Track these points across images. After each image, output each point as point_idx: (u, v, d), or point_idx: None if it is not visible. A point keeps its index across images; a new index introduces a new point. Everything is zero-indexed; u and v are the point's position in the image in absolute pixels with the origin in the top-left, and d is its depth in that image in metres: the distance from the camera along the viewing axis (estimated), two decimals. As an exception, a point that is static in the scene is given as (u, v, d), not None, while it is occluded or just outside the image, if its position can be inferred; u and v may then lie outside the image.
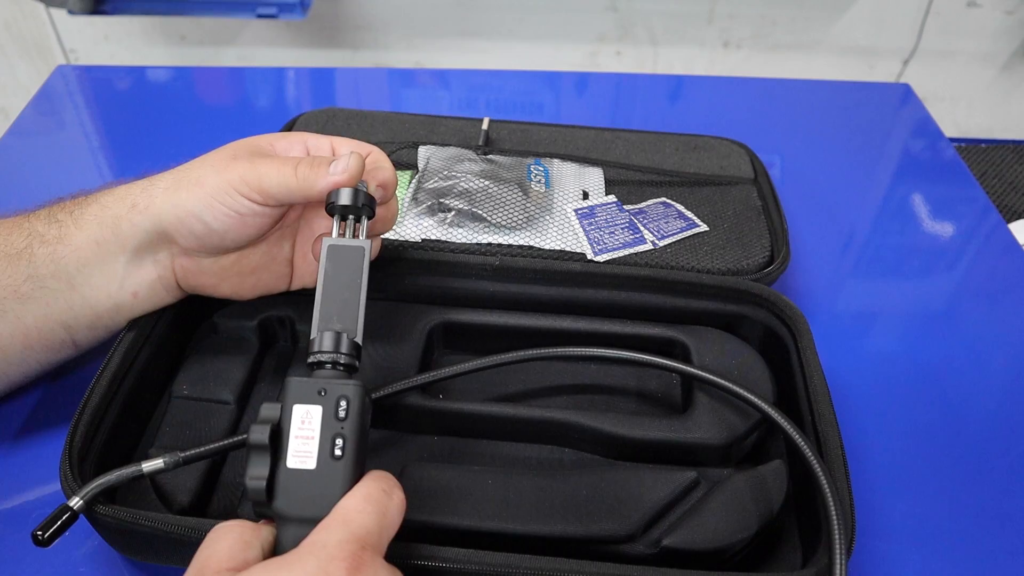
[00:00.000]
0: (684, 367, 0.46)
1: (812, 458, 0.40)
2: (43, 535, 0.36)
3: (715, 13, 1.45)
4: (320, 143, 0.45)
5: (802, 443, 0.41)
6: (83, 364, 0.52)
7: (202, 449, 0.40)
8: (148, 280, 0.45)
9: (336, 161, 0.42)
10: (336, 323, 0.39)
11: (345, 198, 0.41)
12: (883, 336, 0.59)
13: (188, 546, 0.38)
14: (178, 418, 0.46)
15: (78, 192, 0.47)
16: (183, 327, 0.51)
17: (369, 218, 0.43)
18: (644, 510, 0.41)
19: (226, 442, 0.41)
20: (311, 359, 0.38)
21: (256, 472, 0.34)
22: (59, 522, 0.36)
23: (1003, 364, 0.57)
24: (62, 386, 0.51)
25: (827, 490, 0.38)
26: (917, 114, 0.83)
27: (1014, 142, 1.46)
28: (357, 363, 0.38)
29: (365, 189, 0.42)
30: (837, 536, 0.36)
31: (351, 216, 0.42)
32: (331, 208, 0.42)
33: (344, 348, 0.38)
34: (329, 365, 0.38)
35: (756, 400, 0.43)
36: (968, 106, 1.58)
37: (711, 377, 0.45)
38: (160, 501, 0.42)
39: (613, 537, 0.40)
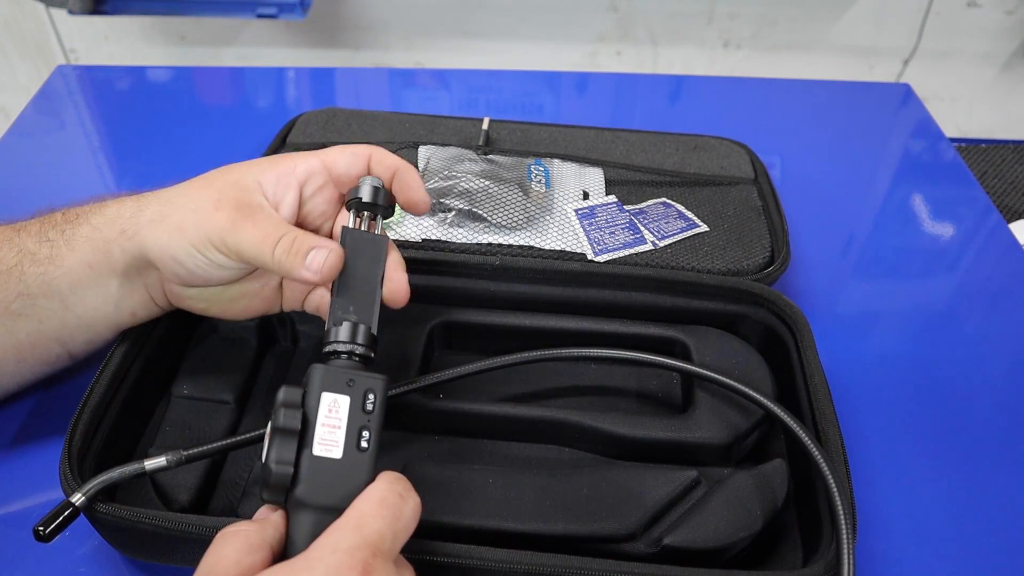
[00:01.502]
0: (685, 365, 0.46)
1: (814, 449, 0.40)
2: (44, 531, 0.36)
3: (715, 13, 1.45)
4: (311, 166, 0.43)
5: (804, 436, 0.41)
6: (83, 364, 0.52)
7: (205, 448, 0.40)
8: (142, 301, 0.45)
9: (315, 253, 0.40)
10: (352, 314, 0.39)
11: (366, 195, 0.42)
12: (884, 336, 0.59)
13: (188, 544, 0.39)
14: (178, 418, 0.46)
15: (68, 205, 0.46)
16: (183, 326, 0.51)
17: (385, 217, 0.43)
18: (645, 509, 0.41)
19: (229, 441, 0.41)
20: (328, 348, 0.38)
21: (283, 456, 0.33)
22: (60, 518, 0.36)
23: (1003, 364, 0.57)
24: (62, 387, 0.51)
25: (830, 479, 0.38)
26: (917, 114, 0.83)
27: (1014, 142, 1.46)
28: (373, 355, 0.38)
29: (382, 185, 0.42)
30: (843, 521, 0.36)
31: (366, 212, 0.42)
32: (350, 204, 0.42)
33: (362, 339, 0.38)
34: (346, 356, 0.37)
35: (757, 396, 0.43)
36: (968, 106, 1.58)
37: (713, 375, 0.45)
38: (160, 500, 0.42)
39: (614, 536, 0.40)
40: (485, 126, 0.66)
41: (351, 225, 0.42)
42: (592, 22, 1.48)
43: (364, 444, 0.34)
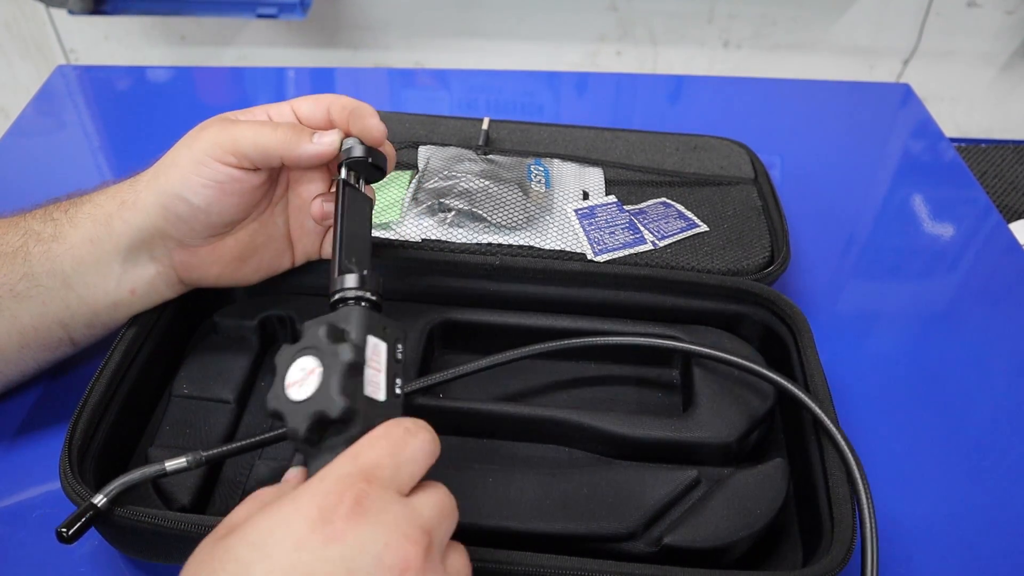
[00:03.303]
0: (687, 346, 0.46)
1: (822, 417, 0.41)
2: (67, 532, 0.36)
3: (715, 13, 1.45)
4: (281, 110, 0.45)
5: (812, 405, 0.42)
6: (83, 362, 0.52)
7: (224, 449, 0.40)
8: (147, 277, 0.45)
9: (323, 133, 0.43)
10: (355, 264, 0.39)
11: (359, 152, 0.43)
12: (883, 336, 0.59)
13: (188, 544, 0.38)
14: (178, 417, 0.46)
15: (74, 192, 0.47)
16: (183, 326, 0.51)
17: (370, 180, 0.44)
18: (645, 508, 0.41)
19: (246, 442, 0.41)
20: (340, 295, 0.37)
21: (349, 390, 0.32)
22: (83, 519, 0.36)
23: (1003, 364, 0.57)
24: (62, 384, 0.51)
25: (848, 453, 0.39)
26: (917, 114, 0.83)
27: (1014, 142, 1.46)
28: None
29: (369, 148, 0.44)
30: (864, 494, 0.38)
31: (353, 172, 0.43)
32: (344, 162, 0.43)
33: (372, 286, 0.37)
34: (353, 301, 0.37)
35: (767, 372, 0.44)
36: (968, 106, 1.57)
37: (714, 352, 0.45)
38: (160, 500, 0.42)
39: (614, 535, 0.40)
40: (485, 126, 0.66)
41: (343, 173, 0.43)
42: (592, 22, 1.48)
43: (398, 391, 0.34)
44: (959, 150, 1.38)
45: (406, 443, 0.31)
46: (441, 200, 0.57)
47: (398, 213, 0.56)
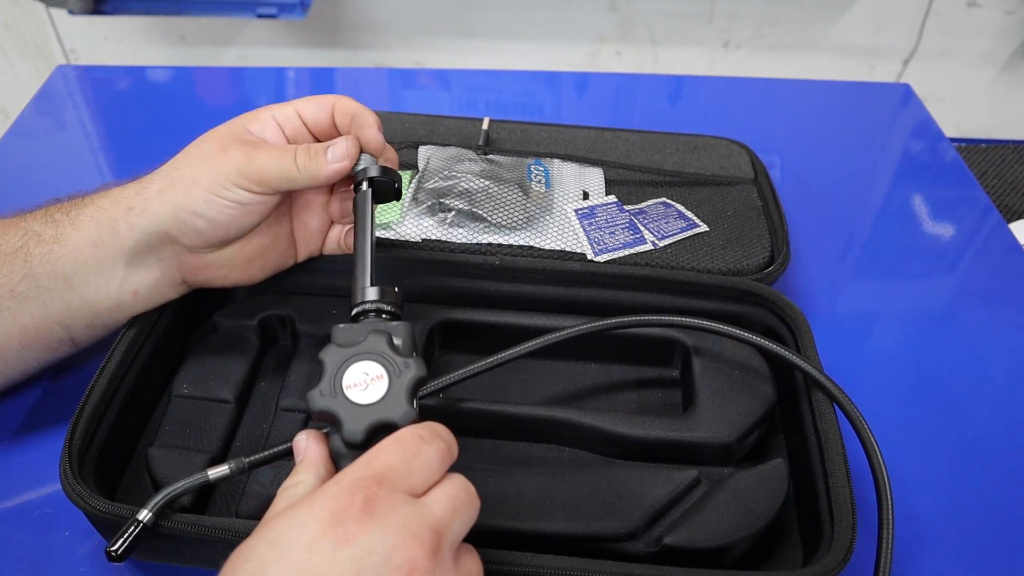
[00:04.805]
0: (680, 319, 0.46)
1: (829, 388, 0.42)
2: (117, 551, 0.36)
3: (715, 13, 1.45)
4: (286, 113, 0.46)
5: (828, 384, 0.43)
6: (83, 362, 0.52)
7: (266, 453, 0.39)
8: (150, 279, 0.45)
9: (333, 147, 0.43)
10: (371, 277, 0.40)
11: (374, 171, 0.44)
12: (884, 336, 0.59)
13: (188, 544, 0.39)
14: (178, 417, 0.46)
15: (74, 193, 0.46)
16: (183, 326, 0.51)
17: (385, 199, 0.46)
18: (645, 509, 0.41)
19: (284, 446, 0.40)
20: (371, 306, 0.39)
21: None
22: (130, 537, 0.36)
23: (1004, 364, 0.57)
24: (62, 384, 0.51)
25: (867, 431, 0.41)
26: (917, 114, 0.83)
27: (1014, 142, 1.45)
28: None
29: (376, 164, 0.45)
30: (886, 483, 0.39)
31: (373, 188, 0.44)
32: (363, 179, 0.44)
33: (393, 299, 0.40)
34: (373, 314, 0.39)
35: (765, 342, 0.45)
36: (968, 106, 1.57)
37: (704, 323, 0.46)
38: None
39: (614, 535, 0.40)
40: (485, 126, 0.66)
41: (365, 185, 0.44)
42: (592, 22, 1.48)
43: (416, 404, 0.36)
44: (959, 150, 1.38)
45: (420, 450, 0.32)
46: (441, 200, 0.57)
47: (398, 213, 0.56)
